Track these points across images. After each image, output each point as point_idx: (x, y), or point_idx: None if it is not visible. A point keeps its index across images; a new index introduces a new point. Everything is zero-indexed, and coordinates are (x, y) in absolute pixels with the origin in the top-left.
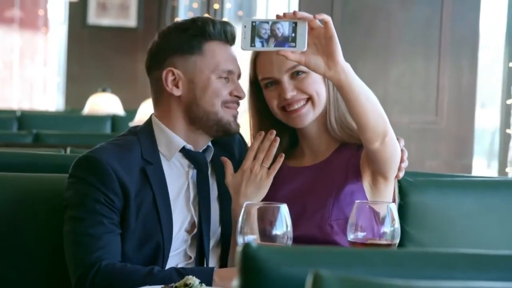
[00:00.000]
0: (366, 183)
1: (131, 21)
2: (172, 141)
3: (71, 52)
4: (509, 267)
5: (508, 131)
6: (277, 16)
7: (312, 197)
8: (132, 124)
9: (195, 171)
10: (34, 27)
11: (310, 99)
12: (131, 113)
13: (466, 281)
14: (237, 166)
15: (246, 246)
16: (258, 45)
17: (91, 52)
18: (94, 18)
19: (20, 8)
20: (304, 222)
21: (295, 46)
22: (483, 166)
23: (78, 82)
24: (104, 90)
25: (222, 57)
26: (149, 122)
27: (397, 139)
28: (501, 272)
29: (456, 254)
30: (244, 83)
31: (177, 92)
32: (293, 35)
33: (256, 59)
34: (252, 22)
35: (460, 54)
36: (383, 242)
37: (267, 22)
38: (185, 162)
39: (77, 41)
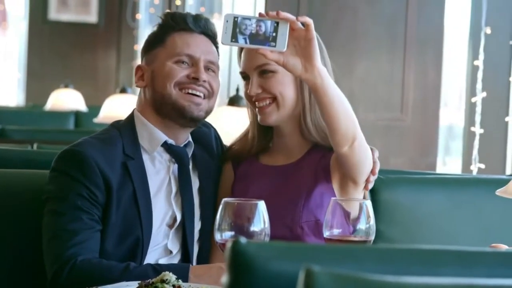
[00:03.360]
0: (336, 185)
1: (92, 17)
2: (154, 135)
3: (32, 47)
4: (496, 264)
5: (472, 129)
6: (260, 14)
7: (282, 199)
8: (96, 120)
9: (176, 165)
10: None
11: (275, 99)
12: (93, 109)
13: (455, 277)
14: (217, 161)
15: (236, 242)
16: (238, 41)
17: (51, 48)
18: (54, 13)
19: None
20: (274, 223)
21: (275, 46)
22: (439, 164)
23: (39, 78)
24: (66, 86)
25: (183, 44)
26: (131, 117)
27: (371, 149)
28: (489, 269)
29: (445, 251)
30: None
31: (141, 84)
32: (274, 34)
33: (241, 52)
34: (234, 17)
35: (425, 52)
36: (358, 239)
37: (249, 19)
38: (167, 156)
39: (38, 37)
